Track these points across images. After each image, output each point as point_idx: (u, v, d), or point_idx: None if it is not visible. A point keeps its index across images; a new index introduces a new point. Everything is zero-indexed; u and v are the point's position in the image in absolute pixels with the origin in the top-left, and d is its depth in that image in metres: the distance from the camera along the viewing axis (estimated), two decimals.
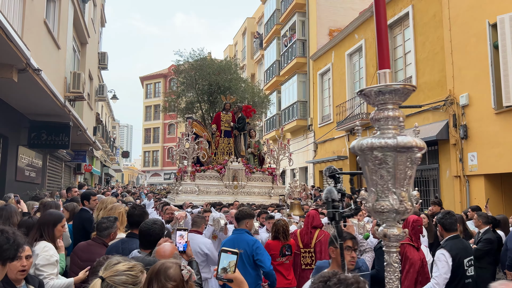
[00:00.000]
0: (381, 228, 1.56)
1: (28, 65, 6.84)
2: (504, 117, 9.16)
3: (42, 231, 3.47)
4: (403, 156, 1.48)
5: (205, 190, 11.04)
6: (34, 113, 10.62)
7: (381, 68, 1.58)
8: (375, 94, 1.53)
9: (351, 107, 16.05)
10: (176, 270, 1.86)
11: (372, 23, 14.67)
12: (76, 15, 12.83)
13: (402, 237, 1.52)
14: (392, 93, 1.50)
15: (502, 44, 9.03)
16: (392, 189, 1.50)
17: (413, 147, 1.47)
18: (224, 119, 12.54)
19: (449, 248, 3.86)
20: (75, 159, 17.66)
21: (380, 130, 1.55)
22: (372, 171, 1.54)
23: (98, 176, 29.92)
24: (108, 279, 1.83)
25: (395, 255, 1.53)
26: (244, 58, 33.26)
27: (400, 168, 1.49)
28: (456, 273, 3.79)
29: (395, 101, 1.53)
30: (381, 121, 1.54)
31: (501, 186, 9.74)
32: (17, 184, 10.22)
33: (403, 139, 1.47)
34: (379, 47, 1.61)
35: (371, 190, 1.56)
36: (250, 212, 4.79)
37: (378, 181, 1.53)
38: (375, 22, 1.63)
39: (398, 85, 1.48)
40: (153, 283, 1.81)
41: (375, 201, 1.54)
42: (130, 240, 3.52)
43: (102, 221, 3.93)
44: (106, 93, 21.50)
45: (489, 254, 5.58)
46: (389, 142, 1.47)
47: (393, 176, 1.49)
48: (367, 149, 1.52)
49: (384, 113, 1.53)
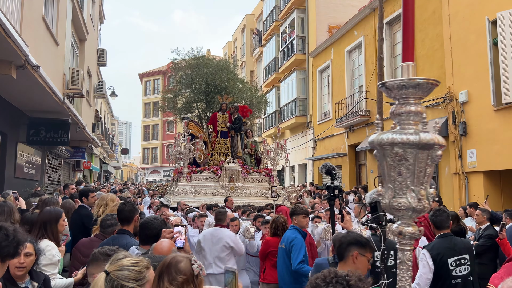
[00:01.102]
0: (395, 225, 1.53)
1: (27, 61, 6.82)
2: (503, 114, 9.17)
3: (44, 228, 3.48)
4: (424, 153, 1.46)
5: (201, 191, 10.97)
6: (33, 109, 10.60)
7: (404, 60, 1.53)
8: (398, 88, 1.48)
9: (351, 104, 16.05)
10: (187, 264, 1.88)
11: (372, 20, 14.66)
12: (74, 11, 12.78)
13: (417, 235, 1.49)
14: (415, 88, 1.46)
15: (502, 41, 9.02)
16: (411, 186, 1.47)
17: (435, 144, 1.45)
18: (220, 119, 12.48)
19: (431, 247, 3.80)
20: (74, 156, 17.64)
21: (400, 125, 1.51)
22: (391, 167, 1.50)
23: (97, 173, 29.92)
24: (112, 274, 1.84)
25: (409, 253, 1.51)
26: (243, 55, 33.21)
27: (420, 166, 1.46)
28: (439, 273, 3.69)
29: (418, 96, 1.49)
30: (402, 116, 1.49)
31: (500, 183, 9.76)
32: (16, 181, 10.22)
33: (425, 136, 1.43)
34: (404, 38, 1.56)
35: (388, 187, 1.53)
36: (302, 209, 4.89)
37: (396, 178, 1.49)
38: (402, 11, 1.58)
39: (422, 79, 1.45)
40: (164, 275, 1.84)
41: (392, 198, 1.51)
42: (120, 237, 3.51)
43: (107, 218, 3.93)
44: (105, 90, 21.48)
45: (490, 250, 5.60)
46: (411, 138, 1.43)
47: (412, 173, 1.47)
48: (387, 144, 1.48)
49: (406, 108, 1.49)
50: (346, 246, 2.74)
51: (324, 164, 4.35)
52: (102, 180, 30.24)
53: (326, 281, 1.28)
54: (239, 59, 33.29)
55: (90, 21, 16.93)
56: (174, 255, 1.95)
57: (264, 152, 12.39)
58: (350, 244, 2.74)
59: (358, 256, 2.70)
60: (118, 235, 3.60)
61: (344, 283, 1.26)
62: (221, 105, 12.76)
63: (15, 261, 2.59)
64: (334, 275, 1.29)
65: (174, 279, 1.83)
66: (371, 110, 14.56)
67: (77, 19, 13.56)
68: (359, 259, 2.71)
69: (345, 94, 16.58)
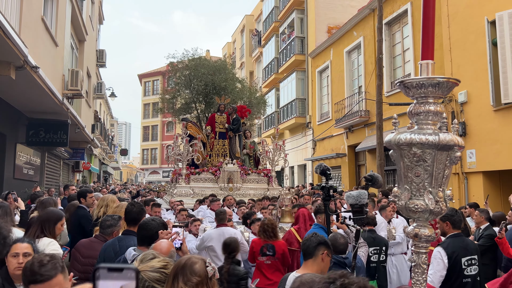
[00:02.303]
0: (411, 227, 1.50)
1: (26, 62, 6.81)
2: (502, 114, 9.17)
3: (44, 228, 3.48)
4: (443, 154, 1.41)
5: (200, 192, 10.92)
6: (32, 110, 10.59)
7: (424, 58, 1.48)
8: (417, 86, 1.43)
9: (350, 104, 16.05)
10: (202, 266, 1.91)
11: (371, 20, 14.66)
12: (74, 12, 12.78)
13: (433, 238, 1.46)
14: (435, 87, 1.41)
15: (501, 41, 9.03)
16: (429, 188, 1.43)
17: (455, 145, 1.40)
18: (218, 120, 12.45)
19: (446, 246, 3.80)
20: (73, 157, 17.63)
21: (418, 124, 1.46)
22: (408, 168, 1.46)
23: (97, 174, 29.89)
24: (143, 273, 1.86)
25: (424, 256, 1.47)
26: (242, 55, 33.21)
27: (439, 167, 1.42)
28: (452, 271, 3.71)
29: (437, 95, 1.44)
30: (421, 116, 1.45)
31: (499, 183, 9.76)
32: (15, 182, 10.20)
33: (445, 137, 1.39)
34: (424, 35, 1.51)
35: (405, 188, 1.48)
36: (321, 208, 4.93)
37: (413, 179, 1.45)
38: (422, 8, 1.53)
39: (442, 78, 1.40)
40: (179, 276, 1.87)
41: (408, 199, 1.46)
42: (126, 238, 3.50)
43: (107, 219, 3.92)
44: (104, 91, 21.47)
45: (490, 250, 5.59)
46: (430, 138, 1.39)
47: (430, 174, 1.42)
48: (405, 144, 1.43)
49: (425, 107, 1.44)
50: (316, 245, 2.92)
51: (318, 165, 4.37)
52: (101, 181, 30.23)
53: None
54: (238, 60, 33.30)
55: (89, 22, 16.93)
56: (189, 256, 1.98)
57: (263, 152, 12.37)
58: (320, 243, 2.92)
59: (326, 256, 2.91)
60: (124, 236, 3.58)
61: None
62: (219, 106, 12.74)
63: (14, 261, 2.58)
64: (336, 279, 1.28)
65: (189, 280, 1.85)
66: (370, 111, 14.56)
67: (76, 20, 13.55)
68: (326, 259, 2.91)
69: (345, 95, 16.59)
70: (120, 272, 0.93)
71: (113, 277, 0.93)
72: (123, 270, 0.94)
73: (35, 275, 1.92)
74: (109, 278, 0.93)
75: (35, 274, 1.92)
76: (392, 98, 13.04)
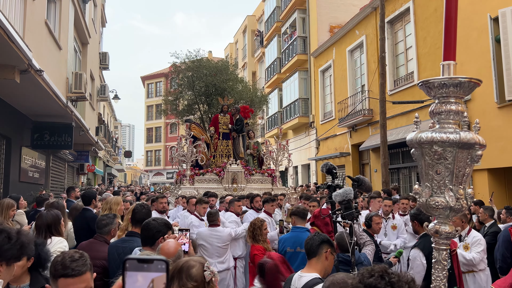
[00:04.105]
0: (432, 224, 1.53)
1: (30, 66, 6.86)
2: (506, 111, 9.13)
3: (54, 229, 3.53)
4: (464, 152, 1.44)
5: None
6: (36, 114, 10.64)
7: (446, 59, 1.52)
8: (439, 86, 1.47)
9: (353, 103, 16.02)
10: (199, 270, 1.82)
11: (373, 19, 14.64)
12: (76, 15, 12.84)
13: (453, 235, 1.48)
14: (456, 87, 1.45)
15: (504, 38, 8.99)
16: (449, 185, 1.46)
17: (476, 143, 1.43)
18: (222, 121, 12.46)
19: (422, 247, 3.88)
20: (78, 159, 17.71)
21: (439, 123, 1.50)
22: (429, 165, 1.50)
23: (101, 176, 29.99)
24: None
25: (444, 252, 1.49)
26: (245, 56, 33.22)
27: (459, 165, 1.45)
28: (429, 270, 3.78)
29: (459, 95, 1.48)
30: (442, 115, 1.48)
31: (504, 180, 9.73)
32: (21, 185, 10.26)
33: (466, 135, 1.42)
34: (446, 36, 1.53)
35: (426, 185, 1.52)
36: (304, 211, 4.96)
37: (434, 176, 1.49)
38: (445, 8, 1.55)
39: (464, 78, 1.44)
40: (174, 280, 1.79)
41: (429, 196, 1.50)
42: (131, 239, 3.50)
43: (102, 219, 3.92)
44: (108, 93, 21.53)
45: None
46: (451, 137, 1.42)
47: (451, 172, 1.46)
48: (426, 142, 1.47)
49: (446, 107, 1.48)
50: (319, 244, 2.92)
51: (324, 164, 4.39)
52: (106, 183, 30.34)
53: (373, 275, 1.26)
54: (240, 61, 33.30)
55: (92, 25, 17.00)
56: (187, 259, 1.89)
57: (267, 153, 12.37)
58: (323, 242, 2.93)
59: (329, 254, 2.91)
60: (128, 238, 3.55)
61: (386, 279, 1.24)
62: (222, 107, 12.76)
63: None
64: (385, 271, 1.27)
65: (184, 285, 1.77)
66: (373, 109, 14.54)
67: (79, 23, 13.62)
68: (330, 257, 2.92)
69: (348, 94, 16.57)
70: (150, 263, 0.90)
71: (143, 268, 0.90)
72: (153, 261, 0.90)
73: (66, 269, 1.97)
74: (139, 269, 0.90)
75: (66, 268, 1.97)
76: (395, 97, 13.02)
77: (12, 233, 2.26)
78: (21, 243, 2.26)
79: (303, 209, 5.02)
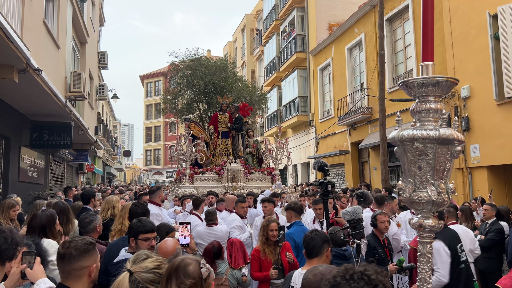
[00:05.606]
0: (416, 218, 1.59)
1: (29, 65, 6.84)
2: (506, 108, 9.13)
3: (48, 230, 3.48)
4: (444, 148, 1.51)
5: (204, 192, 10.96)
6: (35, 113, 10.62)
7: (424, 60, 1.59)
8: (418, 86, 1.54)
9: (352, 101, 16.02)
10: (196, 268, 1.86)
11: (372, 17, 14.62)
12: (75, 14, 12.81)
13: (437, 228, 1.54)
14: (435, 86, 1.52)
15: (503, 35, 8.99)
16: (431, 180, 1.53)
17: (454, 139, 1.50)
18: (221, 120, 12.46)
19: (442, 237, 3.92)
20: (77, 159, 17.69)
21: (420, 122, 1.57)
22: (411, 162, 1.56)
23: (101, 176, 29.97)
24: (136, 275, 1.84)
25: (428, 246, 1.56)
26: (243, 54, 33.20)
27: (440, 161, 1.52)
28: (452, 260, 3.85)
29: (437, 94, 1.55)
30: (423, 113, 1.55)
31: (504, 177, 9.73)
32: (20, 185, 10.25)
33: (445, 132, 1.49)
34: (424, 38, 1.61)
35: (409, 181, 1.59)
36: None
37: (416, 172, 1.55)
38: (422, 11, 1.62)
39: (442, 78, 1.50)
40: (172, 278, 1.82)
41: (412, 191, 1.56)
42: None
43: (84, 217, 3.86)
44: (107, 93, 21.50)
45: (498, 244, 5.59)
46: (431, 133, 1.49)
47: (432, 167, 1.52)
48: (408, 140, 1.54)
49: (426, 105, 1.55)
50: (322, 244, 2.99)
51: (316, 161, 4.44)
52: (105, 182, 30.32)
53: (345, 278, 1.26)
54: (239, 59, 33.28)
55: (90, 24, 16.96)
56: (183, 258, 1.93)
57: (266, 151, 12.38)
58: (325, 242, 3.02)
59: (329, 252, 3.03)
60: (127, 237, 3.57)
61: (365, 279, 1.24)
62: (222, 105, 12.76)
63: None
64: (353, 271, 1.27)
65: (182, 283, 1.81)
66: (373, 107, 14.53)
67: (78, 22, 13.59)
68: (329, 255, 3.04)
69: (347, 92, 16.56)
70: None
71: None
72: None
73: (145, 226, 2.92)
74: None
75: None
76: (394, 94, 13.02)
77: (7, 232, 2.26)
78: (16, 243, 2.26)
79: (300, 205, 5.05)
